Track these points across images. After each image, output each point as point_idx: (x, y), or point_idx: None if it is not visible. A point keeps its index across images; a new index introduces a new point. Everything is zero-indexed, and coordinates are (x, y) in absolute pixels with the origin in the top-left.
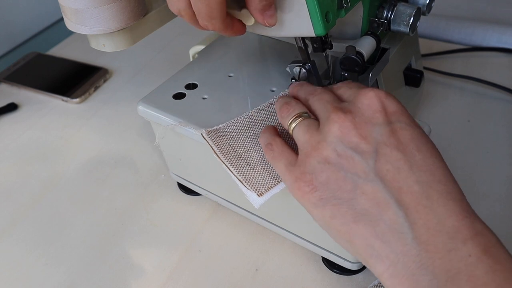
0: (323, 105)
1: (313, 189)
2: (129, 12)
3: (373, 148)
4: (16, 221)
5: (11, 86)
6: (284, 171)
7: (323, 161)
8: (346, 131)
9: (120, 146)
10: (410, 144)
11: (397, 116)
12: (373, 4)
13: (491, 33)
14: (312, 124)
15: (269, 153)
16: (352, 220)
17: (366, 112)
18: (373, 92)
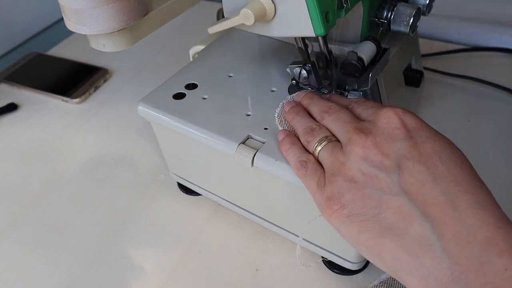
0: (343, 125)
1: (341, 207)
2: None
3: (395, 163)
4: (16, 221)
5: (11, 86)
6: (316, 191)
7: (349, 180)
8: (368, 150)
9: (120, 146)
10: (432, 156)
11: (417, 131)
12: (373, 4)
13: (491, 33)
14: (335, 146)
15: (302, 171)
16: (378, 235)
17: (386, 130)
18: (392, 111)
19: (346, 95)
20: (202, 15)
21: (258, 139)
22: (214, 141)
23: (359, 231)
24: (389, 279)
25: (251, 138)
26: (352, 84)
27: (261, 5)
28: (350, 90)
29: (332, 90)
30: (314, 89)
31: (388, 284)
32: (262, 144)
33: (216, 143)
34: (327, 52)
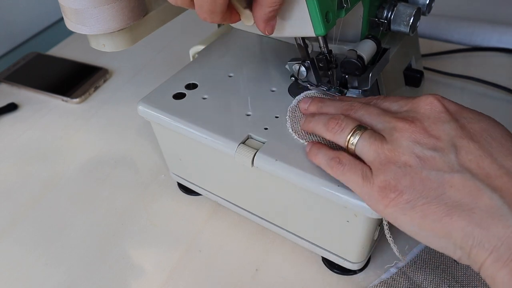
0: (378, 117)
1: (400, 194)
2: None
3: (450, 143)
4: (16, 221)
5: (11, 86)
6: (362, 184)
7: (404, 165)
8: (419, 135)
9: (120, 146)
10: (483, 134)
11: (460, 113)
12: (373, 4)
13: (491, 33)
14: (376, 135)
15: (338, 168)
16: (445, 214)
17: (431, 114)
18: (432, 97)
19: (345, 93)
20: None
21: (258, 139)
22: (214, 141)
23: (422, 214)
24: (389, 279)
25: (251, 138)
26: (352, 82)
27: None
28: (349, 87)
29: (331, 88)
30: (313, 85)
31: (388, 284)
32: (262, 144)
33: (216, 143)
34: (327, 52)
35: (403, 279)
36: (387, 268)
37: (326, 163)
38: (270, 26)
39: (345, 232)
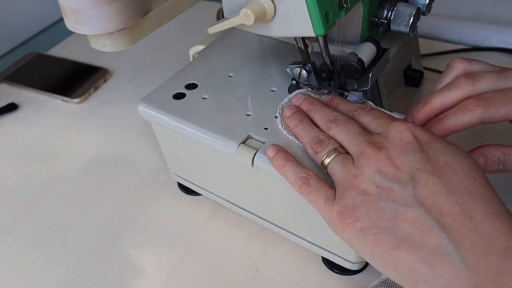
0: (353, 137)
1: (355, 220)
2: (129, 12)
3: (409, 175)
4: (16, 221)
5: (11, 86)
6: (324, 206)
7: (363, 193)
8: (381, 164)
9: (120, 146)
10: (445, 168)
11: (428, 145)
12: (373, 4)
13: (491, 33)
14: (346, 159)
15: (305, 188)
16: (394, 247)
17: (399, 143)
18: (404, 125)
19: (346, 95)
20: (202, 15)
21: (258, 139)
22: (214, 141)
23: (374, 244)
24: (389, 279)
25: (251, 138)
26: (352, 85)
27: (261, 5)
28: (350, 90)
29: (332, 91)
30: (314, 89)
31: (388, 284)
32: (262, 144)
33: (216, 143)
34: (330, 62)
35: None
36: None
37: (293, 179)
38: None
39: None
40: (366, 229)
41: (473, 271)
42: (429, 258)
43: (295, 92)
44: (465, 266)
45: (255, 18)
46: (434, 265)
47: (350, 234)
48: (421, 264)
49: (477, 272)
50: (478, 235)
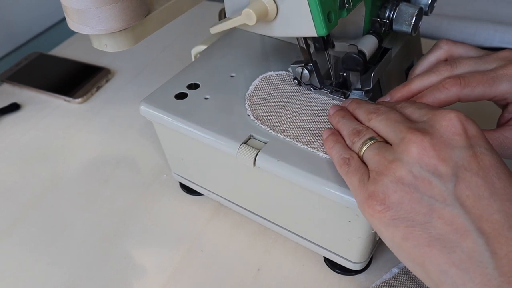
0: (394, 125)
1: (386, 208)
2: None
3: (452, 171)
4: (18, 221)
5: (13, 86)
6: (357, 187)
7: (396, 181)
8: (424, 152)
9: (122, 146)
10: (491, 171)
11: (476, 140)
12: (375, 4)
13: (493, 33)
14: (383, 146)
15: (344, 167)
16: (426, 244)
17: (445, 133)
18: (454, 114)
19: (348, 95)
20: (204, 15)
21: (260, 139)
22: (216, 141)
23: (404, 237)
24: (391, 279)
25: (253, 138)
26: (355, 84)
27: (263, 5)
28: (352, 90)
29: (333, 90)
30: (315, 88)
31: (390, 285)
32: (264, 144)
33: (218, 143)
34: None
35: (405, 279)
36: (389, 268)
37: (336, 158)
38: None
39: (347, 232)
40: (397, 220)
41: (506, 280)
42: (462, 262)
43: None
44: (498, 274)
45: (257, 18)
46: (466, 269)
47: (379, 222)
48: (452, 267)
49: (510, 281)
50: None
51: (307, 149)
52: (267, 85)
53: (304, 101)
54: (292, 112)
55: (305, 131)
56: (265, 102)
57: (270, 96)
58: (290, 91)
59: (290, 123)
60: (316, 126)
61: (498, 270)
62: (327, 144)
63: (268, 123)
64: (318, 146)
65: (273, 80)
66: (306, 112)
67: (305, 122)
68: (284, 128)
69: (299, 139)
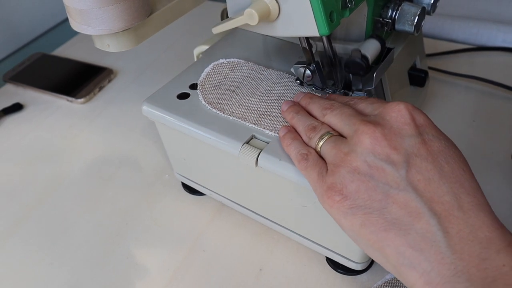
0: (347, 119)
1: (344, 198)
2: (134, 12)
3: (404, 158)
4: (21, 221)
5: (16, 86)
6: (317, 180)
7: (353, 171)
8: (376, 142)
9: (125, 146)
10: (439, 156)
11: (425, 128)
12: (377, 4)
13: (496, 32)
14: (339, 139)
15: (303, 162)
16: (382, 229)
17: (395, 124)
18: (402, 105)
19: (351, 95)
20: (206, 15)
21: (262, 139)
22: (218, 141)
23: (362, 224)
24: (393, 280)
25: (255, 138)
26: (357, 84)
27: (265, 5)
28: (354, 90)
29: (336, 91)
30: (318, 89)
31: (392, 285)
32: (266, 144)
33: (220, 143)
34: (332, 52)
35: None
36: None
37: (295, 155)
38: None
39: None
40: (355, 208)
41: (458, 257)
42: (417, 242)
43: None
44: (451, 251)
45: (259, 18)
46: (421, 249)
47: (338, 211)
48: (408, 248)
49: (462, 258)
50: (465, 224)
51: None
52: (218, 72)
53: (254, 84)
54: (241, 96)
55: (253, 111)
56: (216, 87)
57: (221, 82)
58: (240, 77)
59: (239, 105)
60: (263, 106)
61: (450, 248)
62: (285, 142)
63: (219, 107)
64: (264, 125)
65: (224, 67)
66: (255, 93)
67: (253, 103)
68: (233, 110)
69: (247, 119)
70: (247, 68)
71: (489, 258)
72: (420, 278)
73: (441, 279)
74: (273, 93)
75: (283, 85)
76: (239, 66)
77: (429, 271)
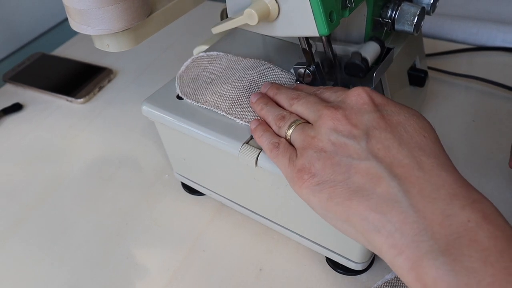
0: (312, 106)
1: (311, 176)
2: (133, 12)
3: (364, 132)
4: (21, 221)
5: (16, 86)
6: (287, 165)
7: (319, 151)
8: (338, 122)
9: (124, 146)
10: (398, 127)
11: (383, 106)
12: (377, 4)
13: (495, 32)
14: (306, 126)
15: (274, 151)
16: (347, 198)
17: (355, 105)
18: (360, 89)
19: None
20: (206, 15)
21: None
22: (218, 141)
23: (328, 197)
24: (393, 279)
25: None
26: (356, 84)
27: (265, 5)
28: None
29: None
30: None
31: (392, 285)
32: None
33: (220, 143)
34: (331, 53)
35: None
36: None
37: (266, 145)
38: None
39: None
40: (321, 183)
41: (421, 215)
42: (379, 205)
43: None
44: (413, 210)
45: (259, 18)
46: (384, 212)
47: (307, 190)
48: (371, 212)
49: (425, 216)
50: (426, 183)
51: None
52: (197, 65)
53: (230, 74)
54: (216, 86)
55: (225, 99)
56: (194, 80)
57: (200, 74)
58: (219, 69)
59: (212, 93)
60: (235, 92)
61: (412, 207)
62: (256, 134)
63: (194, 97)
64: (236, 114)
65: (204, 60)
66: (228, 80)
67: (225, 89)
68: (207, 99)
69: (219, 107)
70: (226, 60)
71: (453, 215)
72: (385, 241)
73: (405, 239)
74: (246, 79)
75: (257, 71)
76: (218, 58)
77: (393, 232)
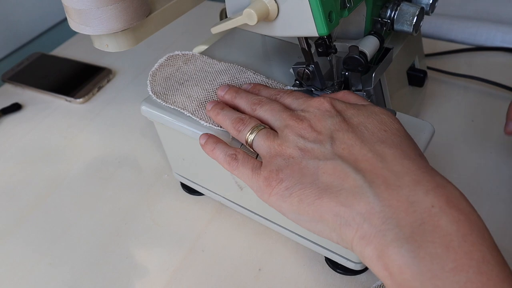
0: (277, 114)
1: (280, 181)
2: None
3: (328, 136)
4: (21, 221)
5: (15, 86)
6: (252, 175)
7: (287, 158)
8: (304, 131)
9: (124, 146)
10: (359, 127)
11: (344, 111)
12: (376, 4)
13: (495, 32)
14: (270, 132)
15: (233, 163)
16: (317, 197)
17: (318, 113)
18: (321, 97)
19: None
20: (205, 15)
21: None
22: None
23: (299, 200)
24: None
25: None
26: (356, 84)
27: (264, 5)
28: (353, 90)
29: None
30: (317, 89)
31: None
32: None
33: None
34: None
35: None
36: None
37: (223, 158)
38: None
39: None
40: (290, 187)
41: (386, 203)
42: (348, 199)
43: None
44: (379, 200)
45: (258, 18)
46: (352, 205)
47: (277, 197)
48: (341, 207)
49: (390, 204)
50: (390, 173)
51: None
52: (172, 64)
53: (203, 76)
54: (187, 87)
55: (192, 100)
56: (167, 80)
57: (173, 74)
58: (193, 70)
59: (181, 94)
60: (204, 94)
61: (378, 197)
62: (208, 148)
63: (163, 97)
64: (201, 115)
65: (179, 59)
66: (198, 83)
67: (194, 91)
68: (175, 99)
69: (186, 107)
70: (201, 61)
71: (418, 201)
72: (356, 233)
73: (373, 229)
74: (217, 82)
75: (229, 74)
76: (193, 59)
77: (362, 223)
